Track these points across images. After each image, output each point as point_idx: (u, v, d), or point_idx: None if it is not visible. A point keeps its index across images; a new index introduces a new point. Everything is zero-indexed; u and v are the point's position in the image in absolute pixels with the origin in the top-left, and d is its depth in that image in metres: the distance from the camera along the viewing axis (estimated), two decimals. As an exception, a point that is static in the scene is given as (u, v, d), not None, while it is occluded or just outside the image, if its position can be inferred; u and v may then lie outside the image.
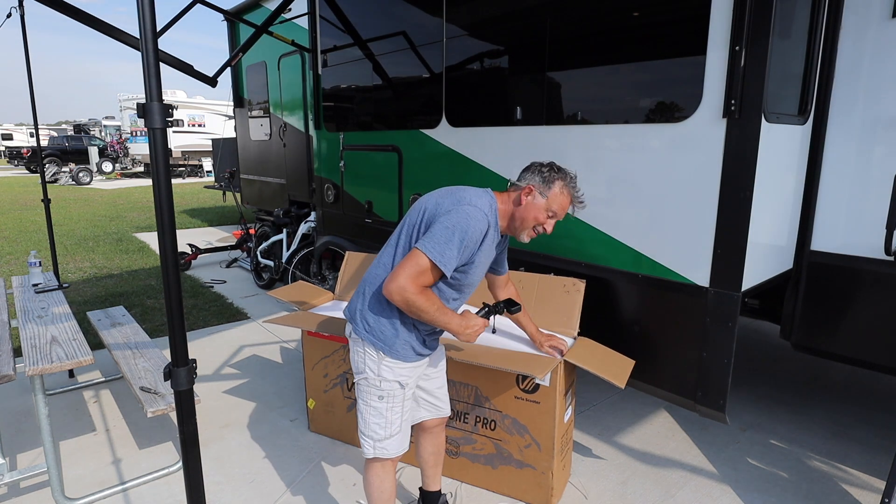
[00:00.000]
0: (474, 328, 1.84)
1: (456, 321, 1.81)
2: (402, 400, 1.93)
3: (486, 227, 1.78)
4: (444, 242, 1.71)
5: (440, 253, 1.70)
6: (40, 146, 4.30)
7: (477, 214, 1.75)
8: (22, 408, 3.37)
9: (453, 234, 1.71)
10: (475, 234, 1.74)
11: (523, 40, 2.99)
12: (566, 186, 1.87)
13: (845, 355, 2.61)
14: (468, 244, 1.74)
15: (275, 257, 6.03)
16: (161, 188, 1.39)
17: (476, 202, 1.79)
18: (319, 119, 4.65)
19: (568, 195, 1.87)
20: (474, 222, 1.74)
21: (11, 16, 3.93)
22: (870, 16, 2.32)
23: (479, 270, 1.90)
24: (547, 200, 1.85)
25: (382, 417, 1.91)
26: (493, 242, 1.88)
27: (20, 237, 9.03)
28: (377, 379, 1.89)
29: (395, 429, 1.93)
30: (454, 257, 1.72)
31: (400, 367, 1.90)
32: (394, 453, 1.95)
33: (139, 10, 1.31)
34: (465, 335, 1.83)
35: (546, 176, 1.86)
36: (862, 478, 2.70)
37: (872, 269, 2.41)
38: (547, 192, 1.85)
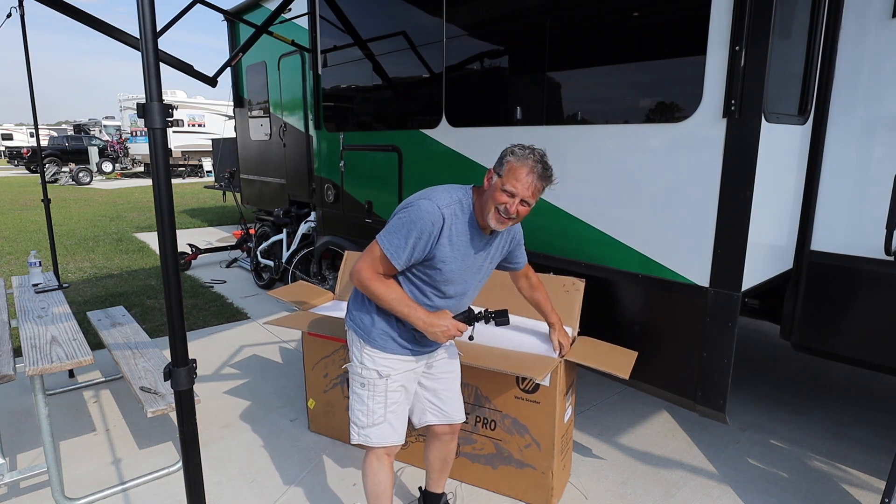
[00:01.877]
0: (441, 328, 1.81)
1: (422, 316, 1.80)
2: (385, 391, 1.94)
3: (440, 220, 1.74)
4: (394, 233, 1.76)
5: (389, 242, 1.76)
6: (40, 146, 4.30)
7: (429, 208, 1.74)
8: (22, 408, 3.37)
9: (402, 227, 1.74)
10: (424, 228, 1.73)
11: (523, 40, 2.99)
12: (517, 159, 1.76)
13: (845, 355, 2.61)
14: (420, 237, 1.73)
15: (275, 257, 6.03)
16: (161, 188, 1.39)
17: (435, 197, 1.78)
18: (319, 119, 4.65)
19: (519, 167, 1.74)
20: (425, 215, 1.73)
21: (11, 16, 3.93)
22: (870, 16, 2.32)
23: (454, 268, 1.83)
24: (501, 179, 1.76)
25: (364, 405, 1.94)
26: (465, 238, 1.82)
27: (20, 237, 9.03)
28: (359, 366, 1.94)
29: (378, 418, 1.94)
30: (402, 248, 1.74)
31: (380, 357, 1.91)
32: (376, 442, 1.95)
33: (139, 10, 1.31)
34: (431, 333, 1.81)
35: (501, 156, 1.80)
36: (862, 478, 2.70)
37: (872, 269, 2.41)
38: (501, 170, 1.78)
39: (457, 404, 2.17)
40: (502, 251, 2.04)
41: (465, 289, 1.94)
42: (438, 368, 2.11)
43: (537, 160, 1.76)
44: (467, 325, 1.89)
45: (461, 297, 1.95)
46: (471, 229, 1.84)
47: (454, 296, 1.92)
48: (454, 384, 2.16)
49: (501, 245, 2.02)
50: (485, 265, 1.97)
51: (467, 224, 1.83)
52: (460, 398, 2.19)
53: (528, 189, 1.74)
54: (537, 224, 2.96)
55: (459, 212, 1.81)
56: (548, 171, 1.78)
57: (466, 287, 1.94)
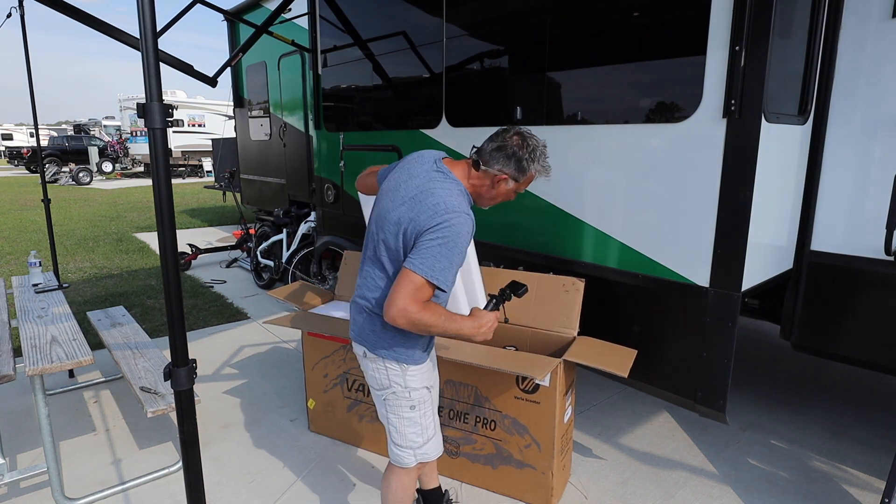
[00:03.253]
0: (487, 325, 1.79)
1: (468, 325, 1.76)
2: (431, 402, 1.97)
3: (473, 229, 1.72)
4: (438, 259, 1.62)
5: (435, 271, 1.62)
6: (40, 146, 4.30)
7: (464, 222, 1.66)
8: (22, 408, 3.37)
9: (446, 251, 1.63)
10: (465, 241, 1.68)
11: (523, 40, 2.99)
12: (540, 170, 1.81)
13: (845, 355, 2.61)
14: (462, 252, 1.69)
15: (275, 257, 6.03)
16: (161, 188, 1.39)
17: (455, 205, 1.68)
18: (319, 119, 4.65)
19: (541, 174, 1.83)
20: (464, 234, 1.66)
21: (11, 16, 3.93)
22: (870, 16, 2.32)
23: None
24: (518, 184, 1.81)
25: (418, 425, 1.92)
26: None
27: (20, 237, 9.03)
28: (405, 391, 1.88)
29: (431, 432, 1.96)
30: (451, 272, 1.66)
31: (422, 372, 1.91)
32: (434, 454, 1.99)
33: (139, 10, 1.31)
34: (481, 335, 1.79)
35: (522, 165, 1.77)
36: (862, 478, 2.70)
37: (872, 269, 2.41)
38: (521, 177, 1.79)
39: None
40: None
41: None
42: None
43: (548, 159, 1.83)
44: (498, 310, 1.89)
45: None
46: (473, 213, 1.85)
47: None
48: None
49: None
50: None
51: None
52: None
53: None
54: (537, 224, 2.96)
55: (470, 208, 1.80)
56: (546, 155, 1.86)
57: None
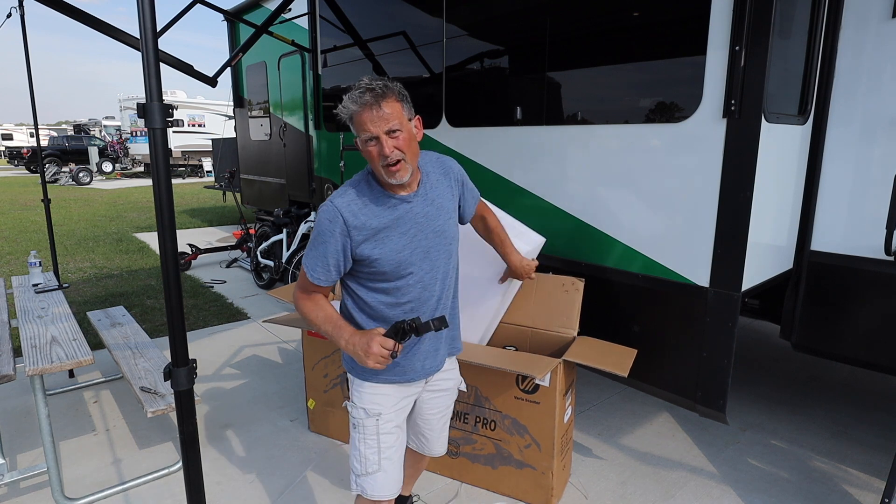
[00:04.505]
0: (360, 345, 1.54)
1: (343, 336, 1.58)
2: (376, 433, 1.70)
3: (337, 216, 1.57)
4: (309, 247, 1.64)
5: (307, 257, 1.63)
6: (40, 146, 4.30)
7: (326, 212, 1.59)
8: (22, 408, 3.37)
9: (313, 241, 1.63)
10: (326, 234, 1.58)
11: (523, 40, 2.99)
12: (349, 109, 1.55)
13: (845, 355, 2.61)
14: (326, 241, 1.58)
15: (275, 257, 6.03)
16: (161, 188, 1.39)
17: (333, 195, 1.63)
18: (319, 119, 4.65)
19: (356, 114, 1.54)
20: (323, 222, 1.59)
21: (11, 16, 3.93)
22: (870, 16, 2.32)
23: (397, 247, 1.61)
24: (358, 138, 1.59)
25: (356, 449, 1.73)
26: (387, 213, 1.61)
27: (20, 237, 9.03)
28: (350, 405, 1.76)
29: (372, 466, 1.70)
30: (317, 263, 1.60)
31: (368, 391, 1.71)
32: (372, 494, 1.71)
33: (139, 10, 1.31)
34: (354, 355, 1.56)
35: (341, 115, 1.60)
36: (862, 478, 2.70)
37: (872, 269, 2.41)
38: (353, 131, 1.60)
39: (440, 441, 2.02)
40: (452, 195, 1.77)
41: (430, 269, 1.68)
42: (428, 405, 1.91)
43: (362, 93, 1.52)
44: (394, 339, 1.55)
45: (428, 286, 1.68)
46: (389, 199, 1.62)
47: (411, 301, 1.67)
48: (444, 422, 2.00)
49: (445, 190, 1.74)
50: (438, 222, 1.69)
51: (382, 197, 1.62)
52: (446, 434, 2.04)
53: (379, 121, 1.51)
54: (538, 224, 2.96)
55: (366, 192, 1.62)
56: (384, 90, 1.53)
57: (433, 265, 1.68)
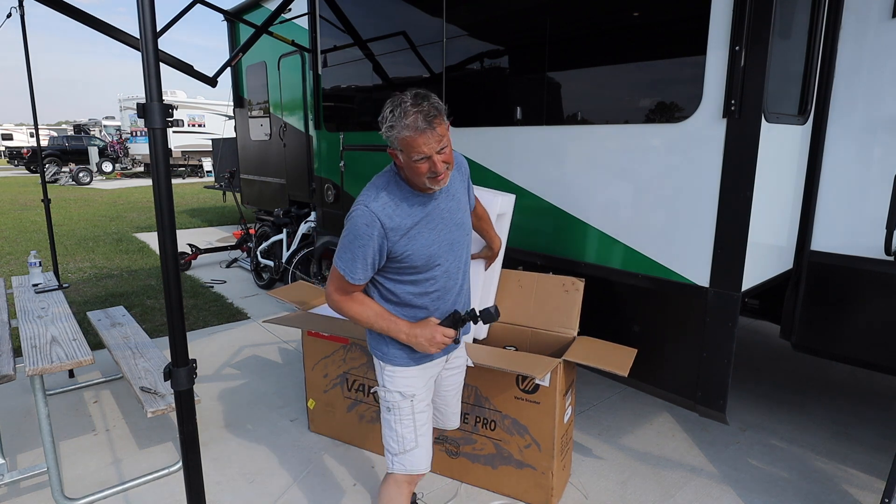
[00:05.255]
0: (425, 335, 1.71)
1: (403, 329, 1.72)
2: (412, 413, 1.84)
3: (376, 221, 1.62)
4: (343, 249, 1.68)
5: (341, 260, 1.68)
6: (40, 146, 4.30)
7: (362, 216, 1.63)
8: (22, 408, 3.37)
9: (347, 242, 1.67)
10: (364, 238, 1.63)
11: (523, 40, 2.99)
12: (400, 129, 1.56)
13: (845, 355, 2.61)
14: (365, 245, 1.64)
15: (275, 257, 6.03)
16: (161, 188, 1.39)
17: (365, 199, 1.66)
18: (319, 119, 4.65)
19: (409, 136, 1.56)
20: (360, 226, 1.63)
21: (11, 16, 3.93)
22: (870, 16, 2.32)
23: (427, 241, 1.71)
24: (405, 153, 1.60)
25: (393, 430, 1.85)
26: (417, 210, 1.69)
27: (20, 237, 9.03)
28: (383, 390, 1.87)
29: (410, 444, 1.84)
30: (352, 262, 1.66)
31: (400, 375, 1.83)
32: (411, 469, 1.85)
33: (139, 10, 1.31)
34: (417, 345, 1.72)
35: (388, 135, 1.61)
36: (862, 478, 2.70)
37: (872, 269, 2.41)
38: (396, 145, 1.61)
39: (456, 415, 2.16)
40: (465, 189, 1.91)
41: (454, 259, 1.80)
42: (446, 382, 2.04)
43: (418, 114, 1.55)
44: (454, 328, 1.75)
45: (453, 275, 1.81)
46: (417, 198, 1.71)
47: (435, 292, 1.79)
48: (457, 397, 2.14)
49: (460, 185, 1.88)
50: (458, 215, 1.82)
51: (411, 196, 1.69)
52: (459, 408, 2.18)
53: (432, 143, 1.57)
54: (538, 224, 2.96)
55: (396, 191, 1.68)
56: (433, 111, 1.57)
57: (456, 256, 1.80)
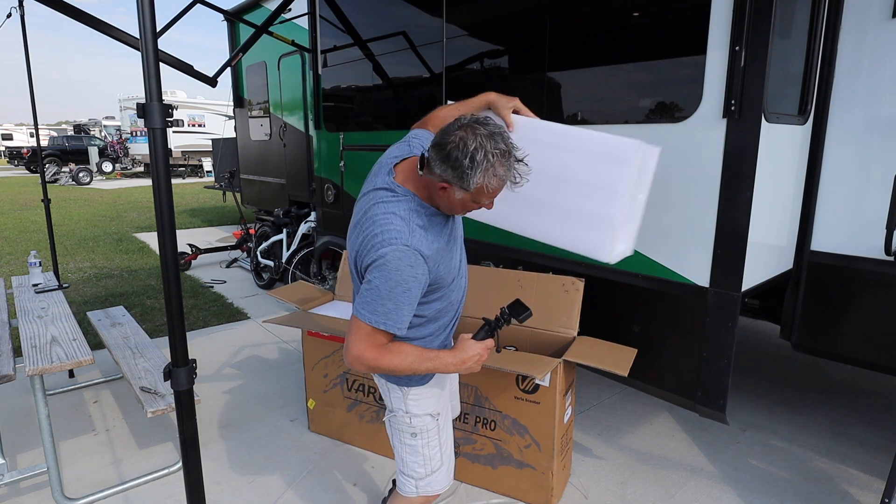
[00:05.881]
0: (473, 358, 1.58)
1: (450, 360, 1.56)
2: (438, 431, 1.75)
3: (420, 262, 1.45)
4: (382, 302, 1.43)
5: (380, 315, 1.44)
6: (40, 146, 4.30)
7: (404, 258, 1.42)
8: (22, 408, 3.37)
9: (387, 292, 1.43)
10: (410, 281, 1.43)
11: (523, 40, 2.99)
12: (490, 177, 1.40)
13: (845, 355, 2.61)
14: (410, 289, 1.45)
15: (275, 257, 6.03)
16: (161, 188, 1.39)
17: (393, 236, 1.44)
18: (319, 119, 4.65)
19: (497, 179, 1.42)
20: (403, 269, 1.42)
21: (11, 16, 3.93)
22: (870, 16, 2.32)
23: (452, 266, 1.63)
24: (471, 194, 1.44)
25: (420, 455, 1.74)
26: (441, 236, 1.55)
27: (20, 237, 9.03)
28: (407, 416, 1.73)
29: (437, 464, 1.76)
30: (400, 312, 1.45)
31: (426, 397, 1.72)
32: (439, 489, 1.78)
33: (139, 10, 1.31)
34: (468, 369, 1.60)
35: (461, 173, 1.40)
36: (862, 478, 2.70)
37: (872, 269, 2.41)
38: (468, 185, 1.41)
39: (457, 402, 2.15)
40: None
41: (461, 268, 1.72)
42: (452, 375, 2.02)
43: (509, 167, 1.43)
44: (491, 337, 1.64)
45: (462, 284, 1.74)
46: (440, 218, 1.57)
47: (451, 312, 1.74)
48: (457, 387, 2.14)
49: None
50: (459, 231, 1.72)
51: (434, 216, 1.54)
52: (457, 393, 2.17)
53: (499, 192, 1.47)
54: (537, 224, 2.96)
55: (424, 221, 1.51)
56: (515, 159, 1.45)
57: (461, 265, 1.72)
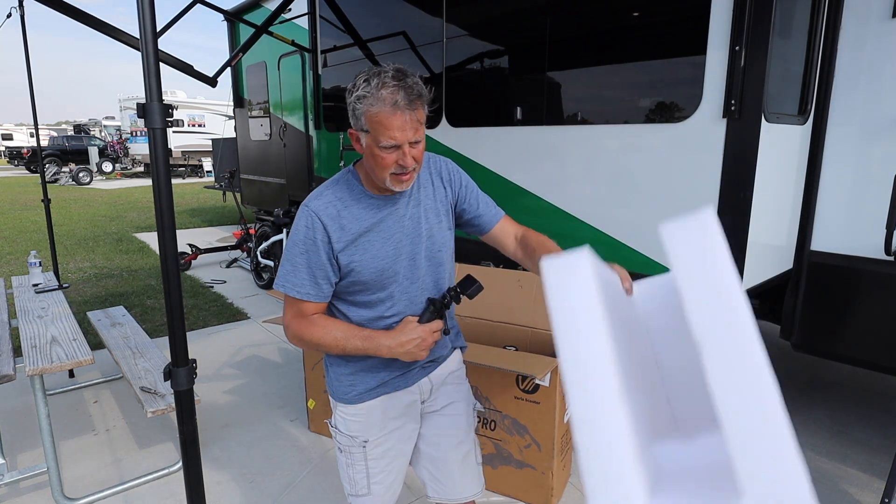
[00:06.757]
0: (414, 342, 1.37)
1: (384, 343, 1.37)
2: (365, 459, 1.51)
3: (314, 219, 1.35)
4: (284, 262, 1.41)
5: (283, 277, 1.40)
6: (40, 146, 4.30)
7: (301, 214, 1.39)
8: (22, 408, 3.37)
9: (288, 253, 1.40)
10: (306, 242, 1.36)
11: (523, 40, 2.99)
12: (372, 102, 1.24)
13: (845, 355, 2.62)
14: (306, 250, 1.36)
15: (275, 257, 6.03)
16: (161, 188, 1.39)
17: (307, 199, 1.42)
18: (319, 119, 4.65)
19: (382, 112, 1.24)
20: (300, 229, 1.38)
21: (11, 16, 3.94)
22: (870, 16, 2.32)
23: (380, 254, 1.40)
24: (370, 135, 1.28)
25: (344, 472, 1.56)
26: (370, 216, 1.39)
27: (20, 237, 9.03)
28: (334, 430, 1.56)
29: (361, 489, 1.54)
30: (296, 276, 1.38)
31: (352, 415, 1.50)
32: None
33: (139, 11, 1.31)
34: (404, 354, 1.38)
35: (350, 105, 1.30)
36: (862, 478, 2.70)
37: (872, 269, 2.41)
38: (360, 124, 1.29)
39: (460, 478, 1.61)
40: (445, 196, 1.52)
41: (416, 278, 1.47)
42: (435, 423, 1.61)
43: (397, 88, 1.24)
44: (439, 319, 1.43)
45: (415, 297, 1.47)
46: (371, 200, 1.40)
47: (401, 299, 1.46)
48: (458, 448, 1.61)
49: (435, 191, 1.51)
50: (425, 226, 1.47)
51: (363, 197, 1.40)
52: (471, 466, 1.63)
53: (408, 129, 1.26)
54: (538, 224, 2.96)
55: (345, 193, 1.40)
56: (416, 90, 1.27)
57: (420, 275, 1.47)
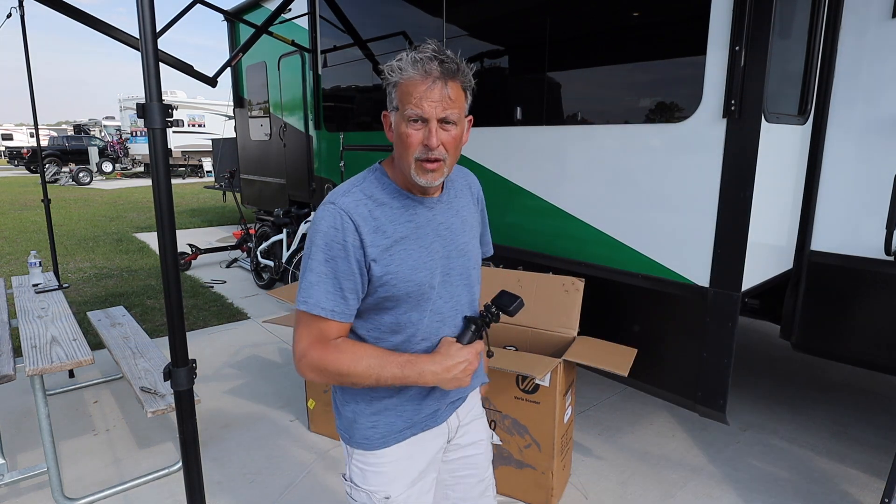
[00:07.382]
0: (460, 366, 1.22)
1: (430, 368, 1.20)
2: None
3: (347, 224, 1.17)
4: (303, 276, 1.19)
5: (301, 294, 1.19)
6: (40, 146, 4.30)
7: (323, 214, 1.19)
8: (22, 408, 3.37)
9: (306, 260, 1.20)
10: (331, 247, 1.17)
11: (523, 40, 2.99)
12: (403, 72, 1.17)
13: (845, 355, 2.62)
14: (334, 256, 1.17)
15: (275, 257, 6.03)
16: (161, 188, 1.39)
17: (332, 196, 1.22)
18: (319, 119, 4.65)
19: (411, 82, 1.16)
20: (325, 231, 1.17)
21: (11, 16, 3.93)
22: (870, 16, 2.32)
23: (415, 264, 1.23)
24: (398, 112, 1.20)
25: None
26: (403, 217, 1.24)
27: (20, 237, 9.03)
28: (348, 485, 1.34)
29: None
30: (318, 289, 1.17)
31: (370, 464, 1.30)
32: None
33: (139, 11, 1.31)
34: (450, 380, 1.22)
35: (388, 79, 1.22)
36: (862, 478, 2.70)
37: (872, 269, 2.41)
38: (392, 100, 1.21)
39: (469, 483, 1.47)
40: (475, 212, 1.42)
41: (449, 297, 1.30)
42: (457, 462, 1.46)
43: (429, 59, 1.15)
44: (480, 339, 1.30)
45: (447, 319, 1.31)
46: (407, 200, 1.25)
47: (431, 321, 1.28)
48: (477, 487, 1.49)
49: (469, 204, 1.40)
50: (462, 238, 1.34)
51: (397, 196, 1.25)
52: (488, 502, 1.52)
53: (437, 102, 1.16)
54: (537, 224, 2.96)
55: (376, 189, 1.24)
56: (454, 66, 1.18)
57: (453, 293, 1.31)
